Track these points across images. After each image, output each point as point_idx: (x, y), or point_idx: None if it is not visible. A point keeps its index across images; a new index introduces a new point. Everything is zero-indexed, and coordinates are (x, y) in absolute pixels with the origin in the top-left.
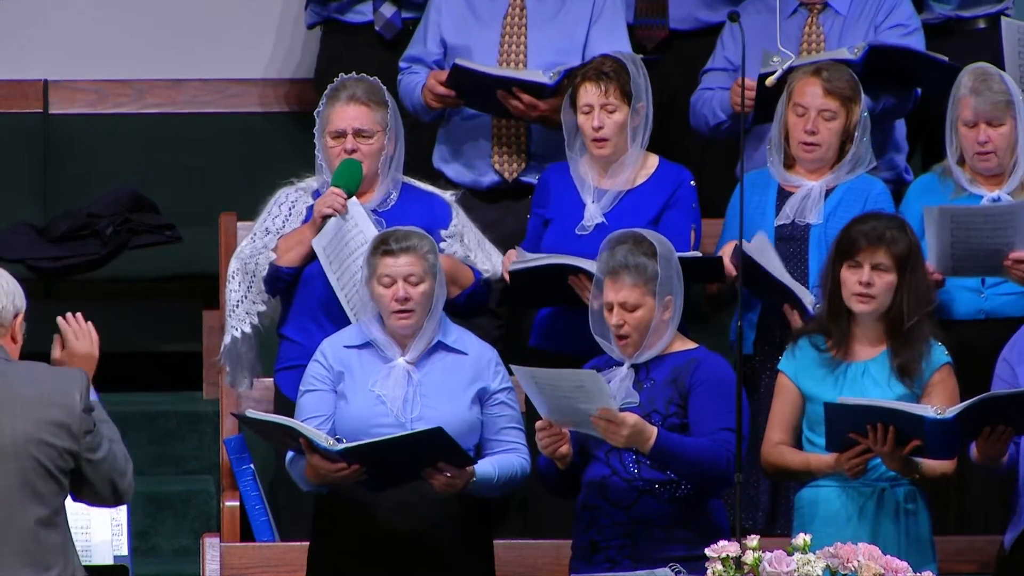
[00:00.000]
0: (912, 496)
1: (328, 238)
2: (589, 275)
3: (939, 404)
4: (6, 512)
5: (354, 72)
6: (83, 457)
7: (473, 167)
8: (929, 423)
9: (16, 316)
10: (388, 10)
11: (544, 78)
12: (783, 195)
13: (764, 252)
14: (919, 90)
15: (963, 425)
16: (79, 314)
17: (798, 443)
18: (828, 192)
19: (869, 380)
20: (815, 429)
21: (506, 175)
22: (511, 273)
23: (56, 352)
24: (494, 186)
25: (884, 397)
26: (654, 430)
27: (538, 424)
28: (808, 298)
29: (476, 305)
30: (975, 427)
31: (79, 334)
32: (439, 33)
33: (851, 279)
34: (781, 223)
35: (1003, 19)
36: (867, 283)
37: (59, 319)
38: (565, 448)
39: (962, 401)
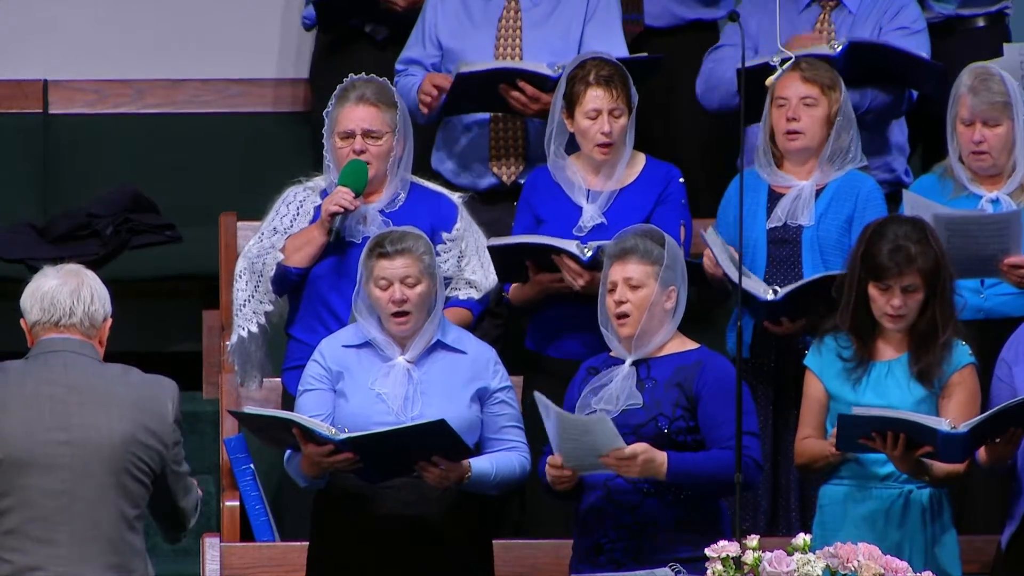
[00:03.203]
0: (938, 498)
1: None
2: (570, 256)
3: (958, 404)
4: (99, 511)
5: (363, 73)
6: (169, 466)
7: (471, 170)
8: (942, 436)
9: (105, 320)
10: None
11: (548, 70)
12: (773, 197)
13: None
14: (915, 92)
15: (975, 436)
16: None
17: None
18: (818, 192)
19: (892, 381)
20: None
21: (504, 179)
22: (490, 249)
23: None
24: (492, 188)
25: (905, 398)
26: (664, 455)
27: (550, 460)
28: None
29: (480, 319)
30: (986, 435)
31: None
32: (435, 35)
33: (881, 300)
34: (773, 226)
35: (1006, 46)
36: (899, 306)
37: None
38: (570, 484)
39: (981, 401)
